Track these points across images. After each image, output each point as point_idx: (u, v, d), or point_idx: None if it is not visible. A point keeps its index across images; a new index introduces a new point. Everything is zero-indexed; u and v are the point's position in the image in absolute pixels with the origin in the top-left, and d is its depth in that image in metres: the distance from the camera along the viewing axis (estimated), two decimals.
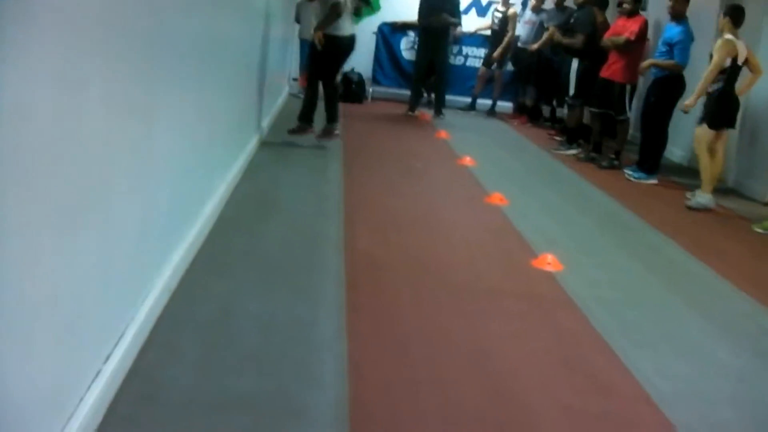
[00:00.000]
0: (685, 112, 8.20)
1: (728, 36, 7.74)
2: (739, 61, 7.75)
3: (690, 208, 7.84)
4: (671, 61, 8.59)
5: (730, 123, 8.02)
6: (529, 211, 6.89)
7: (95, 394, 2.74)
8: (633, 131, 10.43)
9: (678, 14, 8.70)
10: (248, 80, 7.17)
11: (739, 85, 7.96)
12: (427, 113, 11.90)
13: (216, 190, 5.44)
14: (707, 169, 7.96)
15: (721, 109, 7.87)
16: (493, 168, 8.66)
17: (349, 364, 3.56)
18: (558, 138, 10.97)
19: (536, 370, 3.79)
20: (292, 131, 8.44)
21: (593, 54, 9.70)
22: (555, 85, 11.85)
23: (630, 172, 8.92)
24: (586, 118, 10.29)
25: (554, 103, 12.38)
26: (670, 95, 8.53)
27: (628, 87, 9.44)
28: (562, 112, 11.76)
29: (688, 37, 8.53)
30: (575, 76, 10.25)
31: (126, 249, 3.15)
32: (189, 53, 4.06)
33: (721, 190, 8.44)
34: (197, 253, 4.60)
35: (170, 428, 2.92)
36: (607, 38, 9.41)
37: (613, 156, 9.55)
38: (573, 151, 10.13)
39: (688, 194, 8.07)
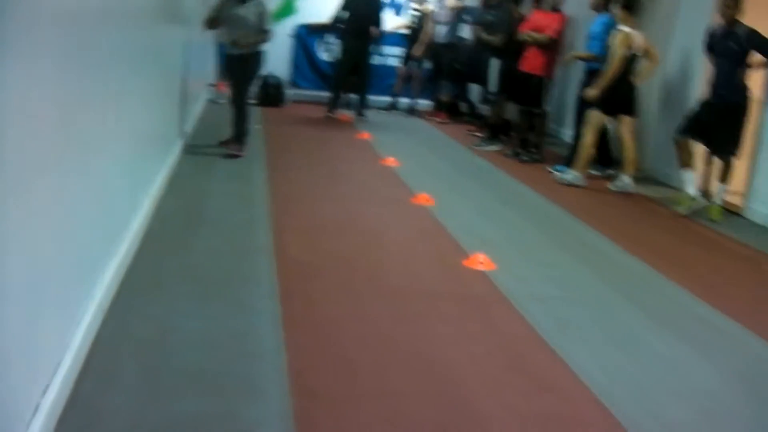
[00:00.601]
0: (587, 100, 8.35)
1: (625, 28, 7.96)
2: (636, 51, 8.01)
3: (560, 183, 8.42)
4: (590, 53, 8.76)
5: (627, 110, 8.34)
6: (456, 210, 6.92)
7: (36, 428, 2.63)
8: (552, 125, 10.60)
9: (597, 6, 8.89)
10: (170, 87, 7.02)
11: (640, 73, 8.28)
12: (346, 114, 11.86)
13: (141, 203, 5.31)
14: (585, 148, 8.38)
15: (614, 95, 8.19)
16: (417, 168, 8.67)
17: (290, 377, 3.51)
18: (479, 134, 11.03)
19: (480, 374, 3.79)
20: (226, 143, 8.38)
21: (512, 50, 9.76)
22: (475, 81, 11.92)
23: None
24: (509, 114, 10.39)
25: (472, 98, 12.46)
26: None
27: (545, 81, 9.56)
28: (484, 108, 11.83)
29: (608, 29, 8.65)
30: (497, 71, 10.30)
31: (54, 274, 3.03)
32: (108, 63, 3.92)
33: (639, 177, 8.61)
34: (127, 271, 4.48)
35: None
36: (525, 32, 9.48)
37: (533, 150, 9.65)
38: (495, 147, 10.20)
39: (610, 185, 8.31)
